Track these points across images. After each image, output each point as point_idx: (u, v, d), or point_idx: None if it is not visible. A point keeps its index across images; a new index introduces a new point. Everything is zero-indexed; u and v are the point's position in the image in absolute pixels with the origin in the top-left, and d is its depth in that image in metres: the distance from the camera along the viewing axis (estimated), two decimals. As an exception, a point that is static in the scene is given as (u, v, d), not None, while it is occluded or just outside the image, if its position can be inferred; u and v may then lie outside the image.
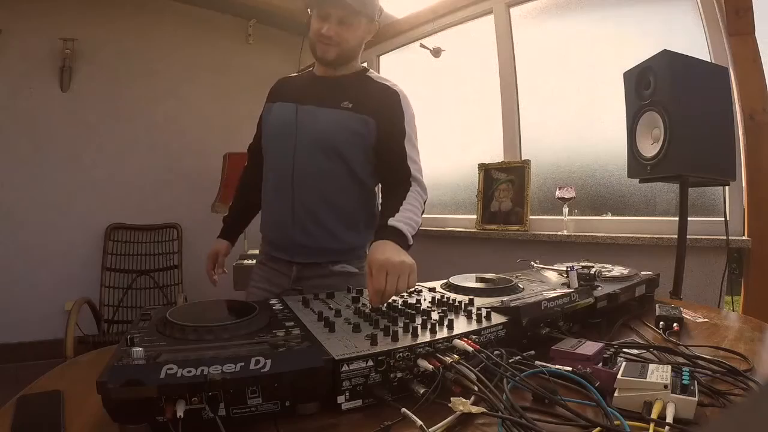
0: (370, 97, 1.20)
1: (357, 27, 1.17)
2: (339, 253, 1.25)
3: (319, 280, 1.24)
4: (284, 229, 1.22)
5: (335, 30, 1.14)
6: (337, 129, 1.17)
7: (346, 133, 1.17)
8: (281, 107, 1.25)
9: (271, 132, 1.26)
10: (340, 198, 1.21)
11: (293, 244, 1.23)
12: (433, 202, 2.80)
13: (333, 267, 1.25)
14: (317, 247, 1.23)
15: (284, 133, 1.21)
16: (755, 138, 1.64)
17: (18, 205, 3.01)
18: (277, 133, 1.24)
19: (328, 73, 1.24)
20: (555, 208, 2.16)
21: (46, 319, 2.95)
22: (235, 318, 0.63)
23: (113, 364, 0.47)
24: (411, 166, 1.18)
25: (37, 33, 3.02)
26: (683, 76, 1.33)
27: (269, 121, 1.27)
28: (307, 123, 1.19)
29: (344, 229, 1.23)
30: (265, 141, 1.28)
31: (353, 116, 1.17)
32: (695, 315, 1.04)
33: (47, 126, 3.09)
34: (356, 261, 1.29)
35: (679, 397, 0.52)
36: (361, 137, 1.18)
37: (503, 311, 0.75)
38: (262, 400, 0.51)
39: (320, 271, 1.25)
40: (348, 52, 1.19)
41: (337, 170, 1.19)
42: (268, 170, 1.27)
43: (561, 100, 2.27)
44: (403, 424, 0.51)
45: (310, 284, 1.23)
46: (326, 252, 1.24)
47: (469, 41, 2.67)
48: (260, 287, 1.29)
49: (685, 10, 1.84)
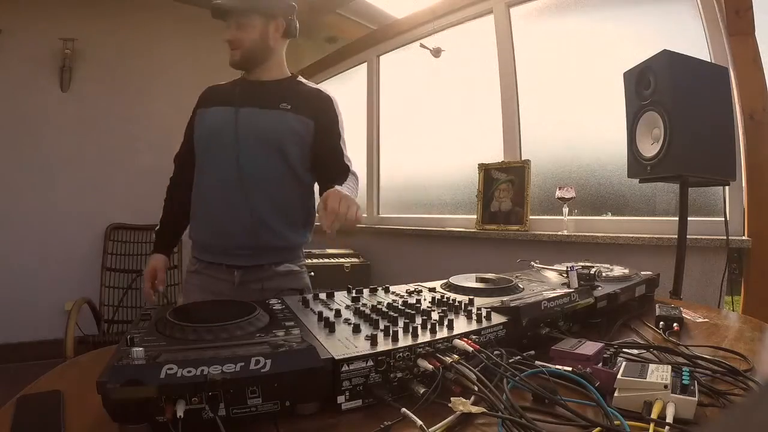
0: (305, 99, 1.26)
1: (253, 27, 1.21)
2: (282, 252, 1.28)
3: (264, 283, 1.25)
4: (228, 233, 1.21)
5: (233, 34, 1.21)
6: (280, 128, 1.21)
7: (288, 132, 1.21)
8: (218, 111, 1.25)
9: (208, 135, 1.26)
10: (283, 196, 1.25)
11: (237, 247, 1.22)
12: (433, 202, 2.80)
13: (277, 268, 1.27)
14: (262, 248, 1.23)
15: (224, 135, 1.22)
16: (755, 138, 1.64)
17: (18, 205, 3.01)
18: (215, 135, 1.24)
19: (260, 77, 1.28)
20: (555, 208, 2.16)
21: (46, 319, 2.96)
22: (235, 318, 0.63)
23: (113, 364, 0.47)
24: (347, 163, 1.27)
25: (37, 33, 3.03)
26: (683, 76, 1.33)
27: (205, 126, 1.27)
28: (250, 124, 1.21)
29: (287, 227, 1.26)
30: (202, 145, 1.27)
31: (293, 116, 1.22)
32: (695, 315, 1.04)
33: (47, 126, 3.09)
34: (297, 260, 1.32)
35: (679, 397, 0.52)
36: (300, 137, 1.23)
37: (503, 311, 0.75)
38: (262, 400, 0.50)
39: (263, 274, 1.25)
40: (252, 52, 1.24)
41: (280, 169, 1.23)
42: (206, 174, 1.25)
43: (561, 100, 2.27)
44: (403, 424, 0.51)
45: (254, 287, 1.24)
46: (270, 252, 1.25)
47: (469, 41, 2.67)
48: (201, 298, 1.24)
49: (685, 10, 1.84)
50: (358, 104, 3.36)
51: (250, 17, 1.20)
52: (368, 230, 3.07)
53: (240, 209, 1.20)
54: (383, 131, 3.21)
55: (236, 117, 1.21)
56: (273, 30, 1.24)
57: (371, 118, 3.24)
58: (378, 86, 3.24)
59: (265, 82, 1.28)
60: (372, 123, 3.24)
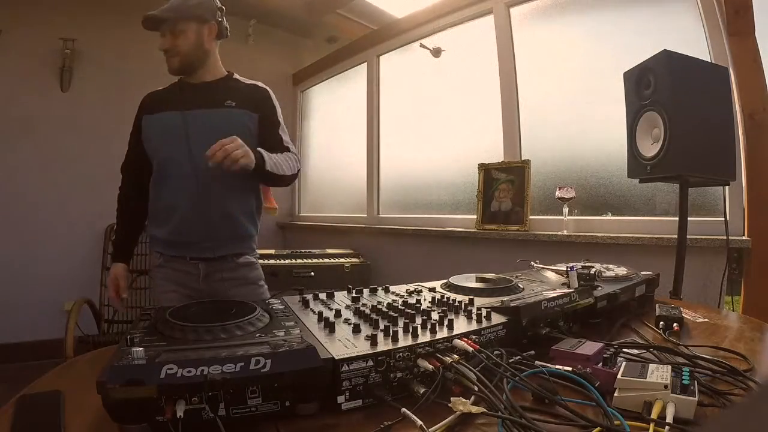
0: (245, 95, 1.34)
1: (187, 33, 1.28)
2: (240, 240, 1.37)
3: (228, 273, 1.35)
4: (191, 229, 1.29)
5: (169, 42, 1.27)
6: (229, 124, 1.28)
7: (237, 127, 1.28)
8: (164, 116, 1.31)
9: (159, 140, 1.32)
10: (238, 188, 1.32)
11: (200, 241, 1.30)
12: (433, 202, 2.80)
13: (238, 259, 1.37)
14: (225, 239, 1.33)
15: (174, 138, 1.28)
16: (755, 138, 1.64)
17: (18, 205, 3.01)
18: (166, 139, 1.30)
19: (201, 79, 1.35)
20: (555, 208, 2.16)
21: (46, 319, 2.95)
22: (235, 318, 0.63)
23: (113, 364, 0.47)
24: (289, 146, 1.38)
25: (37, 33, 3.02)
26: (683, 76, 1.33)
27: (155, 132, 1.33)
28: (199, 124, 1.28)
29: (243, 216, 1.36)
30: (154, 150, 1.33)
31: (239, 112, 1.31)
32: (695, 315, 1.04)
33: (47, 126, 3.09)
34: (253, 252, 1.42)
35: (679, 397, 0.52)
36: (248, 129, 1.31)
37: (503, 311, 0.75)
38: (262, 400, 0.51)
39: (227, 265, 1.35)
40: (189, 57, 1.30)
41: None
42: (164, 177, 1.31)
43: (561, 100, 2.27)
44: (403, 424, 0.51)
45: (219, 277, 1.34)
46: (230, 243, 1.34)
47: (469, 41, 2.67)
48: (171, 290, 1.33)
49: (685, 10, 1.84)
50: (358, 104, 3.36)
51: (185, 24, 1.27)
52: (368, 230, 3.07)
53: (200, 205, 1.28)
54: (383, 131, 3.21)
55: (184, 120, 1.29)
56: (207, 33, 1.32)
57: (371, 118, 3.24)
58: (378, 86, 3.24)
59: (206, 83, 1.35)
60: (372, 123, 3.24)
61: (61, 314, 2.79)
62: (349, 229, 3.23)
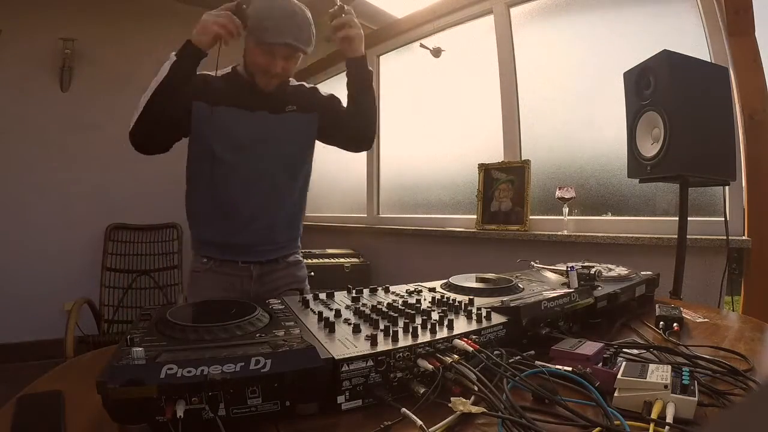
0: (302, 97, 1.32)
1: (299, 59, 1.26)
2: (294, 240, 1.38)
3: (280, 273, 1.34)
4: (254, 231, 1.27)
5: (282, 66, 1.20)
6: (294, 129, 1.28)
7: (301, 131, 1.30)
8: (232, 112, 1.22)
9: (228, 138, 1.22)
10: (295, 190, 1.33)
11: (264, 242, 1.29)
12: (433, 202, 2.80)
13: (288, 258, 1.36)
14: (284, 241, 1.33)
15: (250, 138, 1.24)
16: (755, 138, 1.64)
17: (18, 205, 3.01)
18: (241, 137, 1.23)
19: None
20: (555, 208, 2.16)
21: (46, 319, 2.95)
22: (235, 318, 0.63)
23: (113, 364, 0.47)
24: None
25: (37, 33, 3.03)
26: (683, 76, 1.33)
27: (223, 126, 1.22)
28: (267, 127, 1.26)
29: (300, 216, 1.38)
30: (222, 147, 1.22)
31: (301, 116, 1.30)
32: (695, 315, 1.04)
33: (47, 126, 3.09)
34: (299, 250, 1.43)
35: (679, 397, 0.52)
36: (311, 132, 1.33)
37: (503, 311, 0.75)
38: (262, 400, 0.50)
39: (278, 265, 1.34)
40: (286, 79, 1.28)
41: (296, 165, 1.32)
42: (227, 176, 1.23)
43: (561, 100, 2.27)
44: (403, 424, 0.51)
45: (272, 278, 1.32)
46: (284, 244, 1.35)
47: (469, 41, 2.67)
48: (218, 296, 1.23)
49: (685, 10, 1.84)
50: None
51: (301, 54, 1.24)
52: (368, 230, 3.07)
53: (265, 209, 1.27)
54: (383, 131, 3.21)
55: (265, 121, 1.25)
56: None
57: (371, 118, 3.24)
58: (378, 86, 3.24)
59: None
60: (372, 123, 3.23)
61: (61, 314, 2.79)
62: (349, 229, 3.23)
